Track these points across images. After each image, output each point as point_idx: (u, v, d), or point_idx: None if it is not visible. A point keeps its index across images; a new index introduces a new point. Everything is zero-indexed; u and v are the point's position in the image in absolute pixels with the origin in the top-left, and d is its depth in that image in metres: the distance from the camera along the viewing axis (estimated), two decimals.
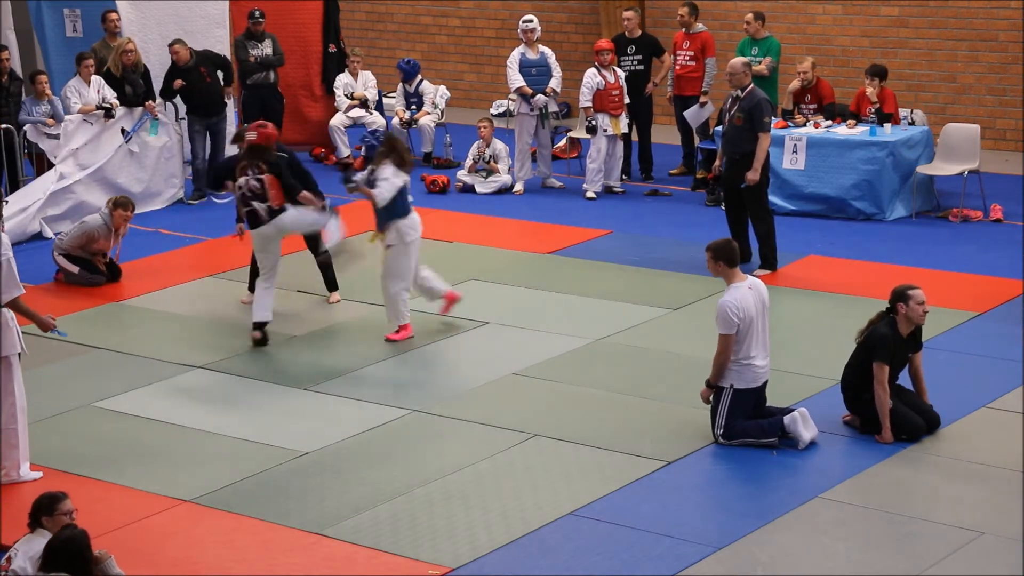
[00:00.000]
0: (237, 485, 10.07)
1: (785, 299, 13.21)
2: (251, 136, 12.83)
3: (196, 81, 17.43)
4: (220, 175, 13.42)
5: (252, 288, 13.55)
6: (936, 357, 11.62)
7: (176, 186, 17.70)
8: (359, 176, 12.89)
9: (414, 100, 19.24)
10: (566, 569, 8.86)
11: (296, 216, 12.76)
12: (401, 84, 19.30)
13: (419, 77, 19.29)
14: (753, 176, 14.04)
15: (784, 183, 16.24)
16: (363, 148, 12.70)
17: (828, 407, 10.89)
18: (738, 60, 14.49)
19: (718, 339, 10.35)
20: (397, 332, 12.71)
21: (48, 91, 16.97)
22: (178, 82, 17.34)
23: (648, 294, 13.77)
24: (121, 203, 14.64)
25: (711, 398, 10.53)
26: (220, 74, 17.80)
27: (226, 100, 17.85)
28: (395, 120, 19.20)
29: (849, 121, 16.39)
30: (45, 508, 8.30)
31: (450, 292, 13.08)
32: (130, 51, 17.20)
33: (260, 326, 12.76)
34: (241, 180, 12.73)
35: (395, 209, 12.59)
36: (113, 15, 17.71)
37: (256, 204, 12.64)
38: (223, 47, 18.96)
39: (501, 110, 20.83)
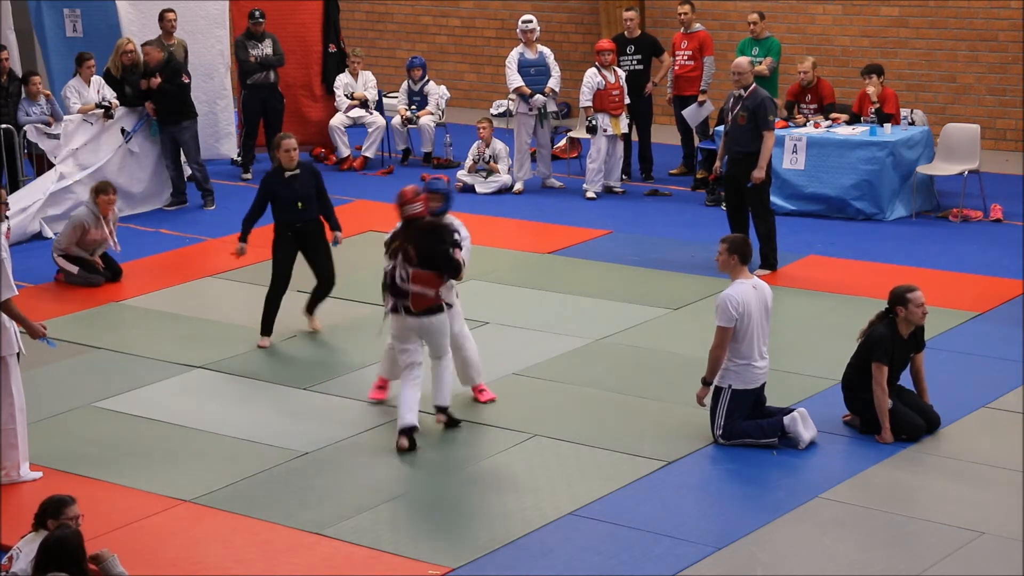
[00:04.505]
0: (237, 485, 10.07)
1: (785, 299, 13.20)
2: (413, 209, 10.52)
3: (160, 86, 16.89)
4: None
5: (266, 332, 12.64)
6: (936, 357, 11.61)
7: None
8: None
9: (417, 98, 19.26)
10: (566, 569, 8.86)
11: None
12: (407, 81, 19.33)
13: (425, 76, 19.34)
14: (759, 175, 14.04)
15: (784, 183, 16.23)
16: (433, 188, 10.98)
17: (828, 407, 10.89)
18: (744, 59, 14.51)
19: (715, 332, 10.36)
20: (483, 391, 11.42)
21: (43, 91, 16.97)
22: (144, 82, 16.84)
23: (648, 294, 13.77)
24: (101, 188, 14.62)
25: (708, 399, 10.52)
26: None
27: (192, 110, 17.20)
28: (396, 118, 19.23)
29: (852, 127, 16.31)
30: (51, 511, 8.31)
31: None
32: (130, 51, 17.18)
33: (408, 431, 10.58)
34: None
35: None
36: (171, 15, 17.66)
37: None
38: (223, 47, 18.98)
39: (501, 110, 20.84)
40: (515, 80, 17.68)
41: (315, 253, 12.78)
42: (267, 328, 12.74)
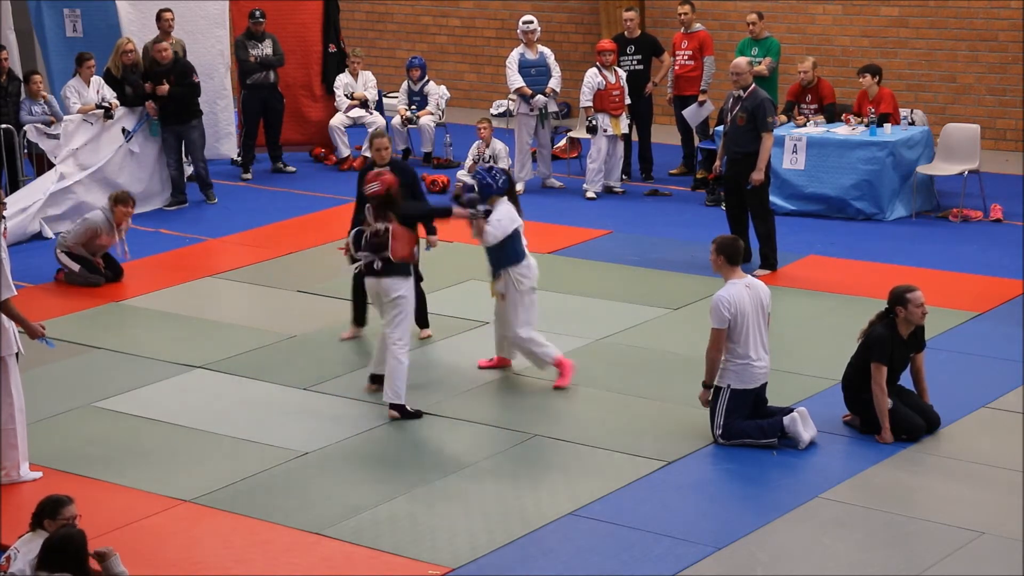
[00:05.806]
0: (237, 485, 10.07)
1: (785, 299, 13.20)
2: (373, 188, 11.03)
3: (170, 91, 16.94)
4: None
5: (358, 322, 12.72)
6: (936, 357, 11.61)
7: None
8: (475, 207, 11.44)
9: (417, 98, 19.27)
10: (566, 569, 8.86)
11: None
12: (406, 81, 19.34)
13: (425, 76, 19.37)
14: (758, 176, 14.04)
15: (784, 183, 16.24)
16: (472, 185, 11.49)
17: (828, 407, 10.89)
18: (743, 60, 14.51)
19: (710, 334, 10.37)
20: (562, 376, 11.58)
21: (44, 91, 16.96)
22: (160, 88, 16.87)
23: (648, 294, 13.77)
24: (122, 199, 14.62)
25: (710, 399, 10.53)
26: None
27: (199, 108, 17.30)
28: (396, 118, 19.24)
29: (852, 127, 16.29)
30: (48, 511, 8.31)
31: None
32: (130, 51, 17.19)
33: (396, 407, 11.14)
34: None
35: (507, 254, 11.52)
36: (168, 14, 17.65)
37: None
38: (223, 47, 18.98)
39: (501, 110, 20.84)
40: (516, 80, 17.68)
41: None
42: (359, 319, 12.69)
